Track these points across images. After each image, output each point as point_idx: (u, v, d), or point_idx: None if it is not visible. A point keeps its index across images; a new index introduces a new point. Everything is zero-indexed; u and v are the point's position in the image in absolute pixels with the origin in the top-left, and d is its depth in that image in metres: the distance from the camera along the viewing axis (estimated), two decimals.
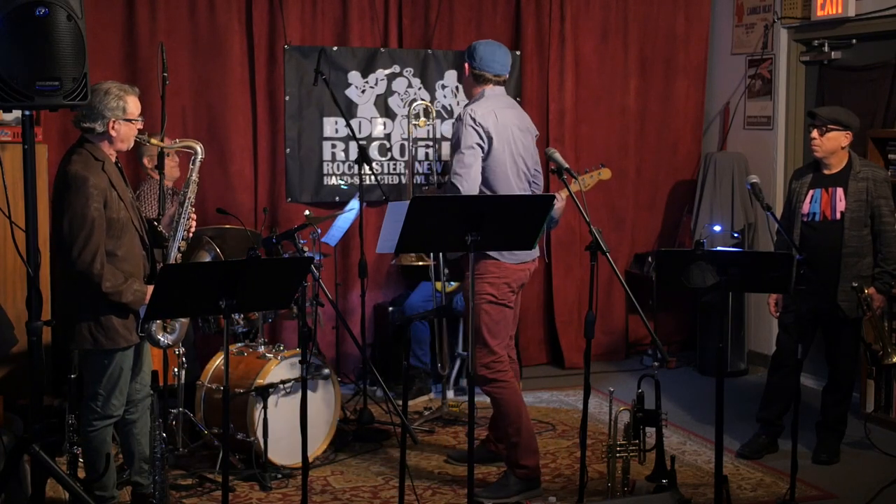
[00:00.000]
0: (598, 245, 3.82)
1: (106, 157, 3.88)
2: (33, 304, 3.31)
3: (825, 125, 4.82)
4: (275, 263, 3.86)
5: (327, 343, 6.31)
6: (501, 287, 4.45)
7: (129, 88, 3.93)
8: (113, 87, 3.88)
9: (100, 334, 3.84)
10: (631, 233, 7.13)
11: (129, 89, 3.93)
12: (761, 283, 4.18)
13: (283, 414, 4.69)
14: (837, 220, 4.87)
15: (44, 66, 3.16)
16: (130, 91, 3.93)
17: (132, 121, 3.92)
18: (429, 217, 3.62)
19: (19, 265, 4.77)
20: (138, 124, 3.96)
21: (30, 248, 3.30)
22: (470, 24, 6.60)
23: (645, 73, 7.06)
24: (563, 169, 4.01)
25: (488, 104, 4.43)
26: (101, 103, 3.82)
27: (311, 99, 6.25)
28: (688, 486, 4.55)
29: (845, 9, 5.96)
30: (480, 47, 4.50)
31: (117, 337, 3.86)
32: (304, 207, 5.84)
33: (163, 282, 3.41)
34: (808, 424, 5.03)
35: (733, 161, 6.74)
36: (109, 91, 3.85)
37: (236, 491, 4.54)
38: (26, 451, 3.36)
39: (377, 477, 4.76)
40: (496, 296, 4.44)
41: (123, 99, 3.86)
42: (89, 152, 3.85)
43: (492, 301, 4.43)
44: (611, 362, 6.98)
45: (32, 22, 3.12)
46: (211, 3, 6.01)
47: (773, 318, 5.39)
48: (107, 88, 3.86)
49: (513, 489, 4.47)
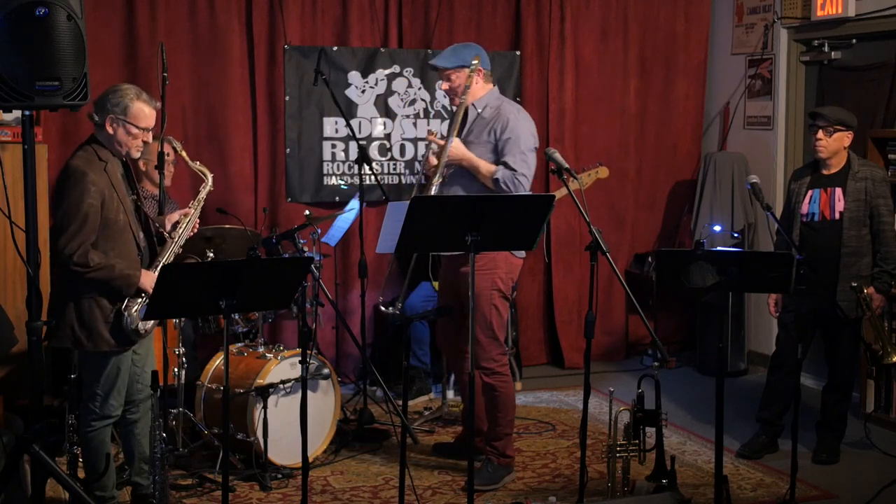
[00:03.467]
0: (598, 245, 3.82)
1: (111, 159, 3.87)
2: (33, 304, 3.31)
3: (832, 126, 4.82)
4: (275, 263, 3.86)
5: (327, 343, 6.31)
6: (508, 282, 4.57)
7: (146, 98, 3.85)
8: (128, 88, 3.86)
9: (83, 335, 3.82)
10: (631, 233, 7.13)
11: (145, 98, 3.85)
12: (761, 283, 4.18)
13: (283, 414, 4.69)
14: (836, 220, 4.87)
15: (44, 66, 3.16)
16: (144, 100, 3.85)
17: (130, 124, 3.82)
18: (429, 217, 3.63)
19: (19, 265, 4.77)
20: (140, 136, 3.86)
21: (30, 248, 3.30)
22: (470, 24, 6.60)
23: (645, 73, 7.06)
24: (563, 169, 4.01)
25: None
26: (107, 97, 3.83)
27: (311, 99, 6.25)
28: (688, 486, 4.55)
29: (845, 9, 5.96)
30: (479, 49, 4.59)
31: (100, 341, 3.83)
32: (304, 207, 5.84)
33: (163, 282, 3.41)
34: (808, 424, 5.03)
35: (733, 161, 6.74)
36: (121, 90, 3.85)
37: (236, 491, 4.54)
38: (26, 451, 3.36)
39: (377, 477, 4.76)
40: (503, 290, 4.55)
41: (130, 101, 3.82)
42: (94, 151, 3.86)
43: (501, 295, 4.55)
44: (611, 362, 6.98)
45: (32, 22, 3.12)
46: (211, 3, 6.01)
47: (772, 318, 5.39)
48: (121, 87, 3.85)
49: (500, 475, 4.60)
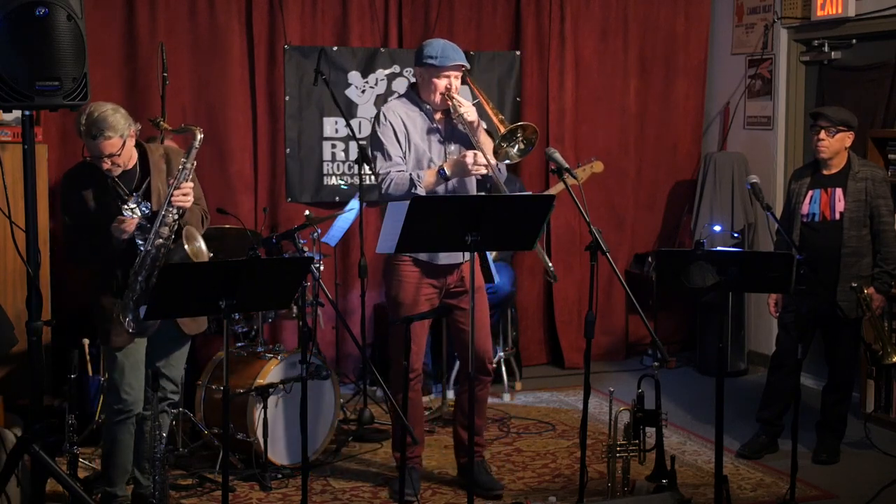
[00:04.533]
0: (598, 245, 3.82)
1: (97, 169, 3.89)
2: (33, 304, 3.32)
3: (834, 126, 4.82)
4: (275, 263, 3.86)
5: (327, 343, 6.31)
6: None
7: (95, 131, 3.75)
8: (83, 117, 3.77)
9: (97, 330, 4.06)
10: (631, 233, 7.13)
11: (94, 132, 3.76)
12: (761, 283, 4.19)
13: (283, 414, 4.69)
14: (837, 221, 4.87)
15: (44, 66, 3.16)
16: (93, 134, 3.77)
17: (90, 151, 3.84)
18: (429, 217, 3.62)
19: (19, 265, 4.77)
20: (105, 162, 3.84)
21: (30, 248, 3.31)
22: (470, 24, 6.60)
23: (645, 73, 7.06)
24: (563, 169, 4.00)
25: None
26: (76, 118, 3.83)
27: (311, 99, 6.25)
28: (688, 486, 4.55)
29: (845, 9, 5.96)
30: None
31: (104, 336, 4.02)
32: (304, 207, 5.84)
33: (163, 282, 3.41)
34: (808, 424, 5.03)
35: (733, 161, 6.74)
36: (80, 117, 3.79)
37: (236, 491, 4.54)
38: (26, 451, 3.36)
39: (377, 477, 4.76)
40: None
41: (81, 135, 3.80)
42: (86, 161, 3.93)
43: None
44: (611, 362, 6.98)
45: (32, 22, 3.13)
46: (211, 3, 6.01)
47: (772, 318, 5.39)
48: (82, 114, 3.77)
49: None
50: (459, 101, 4.25)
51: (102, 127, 3.77)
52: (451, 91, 4.27)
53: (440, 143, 4.35)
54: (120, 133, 3.81)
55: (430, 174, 4.22)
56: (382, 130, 4.28)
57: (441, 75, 4.26)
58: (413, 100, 4.37)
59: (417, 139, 4.31)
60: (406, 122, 4.31)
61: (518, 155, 4.21)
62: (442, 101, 4.28)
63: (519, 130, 4.19)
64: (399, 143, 4.28)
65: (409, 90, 4.43)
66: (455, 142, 4.38)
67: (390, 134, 4.27)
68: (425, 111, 4.35)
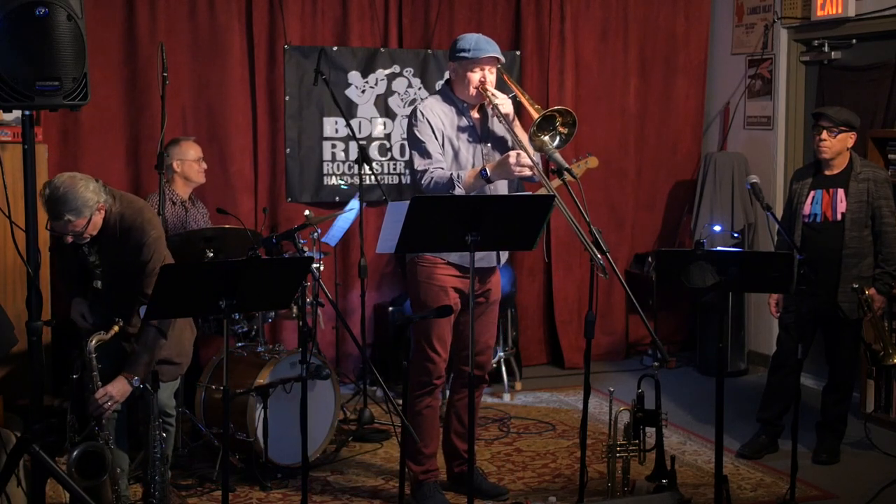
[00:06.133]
0: (598, 245, 3.82)
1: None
2: (33, 304, 3.31)
3: (836, 126, 4.82)
4: (275, 263, 3.86)
5: (327, 343, 6.31)
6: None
7: (60, 213, 3.73)
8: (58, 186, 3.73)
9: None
10: (631, 233, 7.13)
11: (58, 215, 3.74)
12: (761, 283, 4.19)
13: (283, 414, 4.69)
14: (838, 221, 4.87)
15: (44, 66, 3.16)
16: (56, 215, 3.74)
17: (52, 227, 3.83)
18: (429, 217, 3.62)
19: (19, 265, 4.77)
20: (64, 238, 3.85)
21: (30, 248, 3.31)
22: (470, 24, 6.59)
23: (645, 73, 7.06)
24: (563, 169, 3.99)
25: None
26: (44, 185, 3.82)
27: (311, 99, 6.25)
28: (688, 486, 4.55)
29: (845, 9, 5.96)
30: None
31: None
32: (304, 207, 5.83)
33: (163, 282, 3.41)
34: (808, 424, 5.03)
35: (733, 161, 6.74)
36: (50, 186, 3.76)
37: (236, 491, 4.54)
38: (26, 451, 3.36)
39: (377, 477, 4.76)
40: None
41: (46, 206, 3.74)
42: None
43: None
44: (611, 362, 6.98)
45: (32, 22, 3.12)
46: (211, 3, 6.01)
47: (773, 318, 5.39)
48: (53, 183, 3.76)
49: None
50: (494, 94, 4.15)
51: (62, 211, 3.71)
52: (485, 84, 4.17)
53: (475, 142, 4.26)
54: (83, 214, 3.74)
55: (472, 174, 4.12)
56: (420, 128, 4.18)
57: (475, 68, 4.16)
58: (448, 97, 4.28)
59: (452, 137, 4.22)
60: (443, 119, 4.22)
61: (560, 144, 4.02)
62: (477, 95, 4.19)
63: (557, 116, 4.01)
64: (437, 140, 4.19)
65: (444, 87, 4.35)
66: (490, 140, 4.30)
67: (428, 131, 4.17)
68: (461, 108, 4.26)
